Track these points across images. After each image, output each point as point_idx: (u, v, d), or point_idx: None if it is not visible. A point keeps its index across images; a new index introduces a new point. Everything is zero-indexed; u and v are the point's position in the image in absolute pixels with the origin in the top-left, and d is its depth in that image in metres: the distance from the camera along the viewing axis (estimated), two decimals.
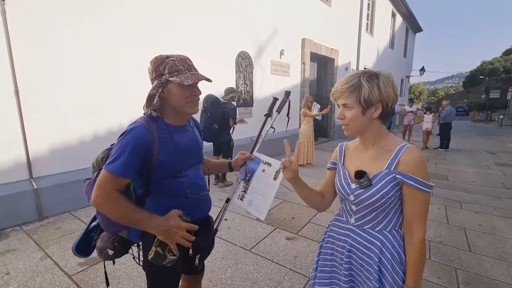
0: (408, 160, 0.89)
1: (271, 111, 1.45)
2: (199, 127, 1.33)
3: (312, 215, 3.37)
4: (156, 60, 1.05)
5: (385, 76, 0.92)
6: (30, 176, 3.11)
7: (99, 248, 1.19)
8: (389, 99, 0.91)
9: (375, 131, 0.96)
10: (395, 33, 15.55)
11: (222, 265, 2.34)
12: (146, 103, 1.06)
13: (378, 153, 0.96)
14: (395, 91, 0.92)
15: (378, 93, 0.89)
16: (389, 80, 0.91)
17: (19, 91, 2.94)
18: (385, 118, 0.96)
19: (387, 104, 0.91)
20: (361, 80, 0.90)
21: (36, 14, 3.00)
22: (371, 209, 0.95)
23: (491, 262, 2.43)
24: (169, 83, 1.03)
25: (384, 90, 0.89)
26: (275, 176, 1.29)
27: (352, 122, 0.95)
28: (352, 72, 0.97)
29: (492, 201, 3.97)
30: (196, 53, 4.71)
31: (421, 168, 0.88)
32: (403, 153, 0.91)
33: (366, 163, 0.98)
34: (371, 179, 0.93)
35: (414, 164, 0.88)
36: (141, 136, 1.00)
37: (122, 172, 0.97)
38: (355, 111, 0.93)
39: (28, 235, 2.82)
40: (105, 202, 0.98)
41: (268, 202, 1.27)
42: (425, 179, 0.87)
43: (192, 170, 1.16)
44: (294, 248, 2.62)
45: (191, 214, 1.13)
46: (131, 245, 1.26)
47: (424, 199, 0.89)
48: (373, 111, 0.92)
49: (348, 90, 0.92)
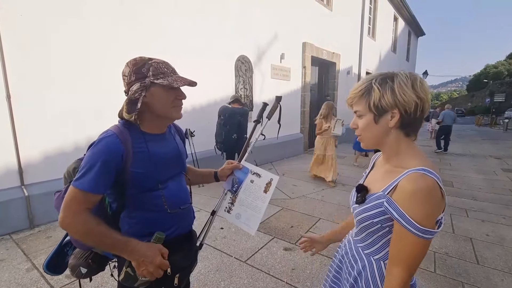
0: (403, 188, 0.72)
1: (261, 117, 1.36)
2: (182, 134, 1.24)
3: (311, 224, 3.25)
4: (136, 62, 0.95)
5: (404, 76, 0.77)
6: (21, 183, 3.04)
7: (70, 266, 1.10)
8: (408, 103, 0.74)
9: (393, 144, 0.81)
10: (397, 37, 15.45)
11: (215, 278, 2.23)
12: (128, 108, 0.95)
13: (389, 171, 0.82)
14: (420, 94, 0.75)
15: (391, 96, 0.75)
16: (408, 81, 0.76)
17: (11, 96, 2.88)
18: (409, 128, 0.79)
19: (407, 110, 0.75)
20: (372, 84, 0.79)
21: (29, 18, 2.95)
22: (362, 227, 0.86)
23: (501, 276, 2.29)
24: (153, 86, 0.94)
25: (400, 93, 0.75)
26: (265, 189, 1.19)
27: (364, 132, 0.83)
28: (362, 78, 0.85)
29: (500, 209, 3.82)
30: (195, 58, 4.66)
31: (415, 204, 0.69)
32: (404, 178, 0.74)
33: (375, 179, 0.88)
34: (367, 197, 0.83)
35: (407, 196, 0.71)
36: (113, 146, 0.90)
37: (92, 188, 0.87)
38: (367, 118, 0.81)
39: (17, 245, 2.73)
40: (74, 224, 0.88)
41: (258, 216, 1.18)
42: (417, 219, 0.69)
43: (172, 181, 1.06)
44: (292, 260, 2.50)
45: (171, 230, 1.03)
46: (108, 261, 1.16)
47: (412, 241, 0.71)
48: (389, 118, 0.77)
49: (359, 94, 0.81)
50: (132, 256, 0.90)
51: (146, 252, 0.89)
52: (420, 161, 0.76)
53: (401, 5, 14.04)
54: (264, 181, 1.19)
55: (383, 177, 0.84)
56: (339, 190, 4.59)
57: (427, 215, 0.70)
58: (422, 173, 0.71)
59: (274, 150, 6.49)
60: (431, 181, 0.70)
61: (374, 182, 0.87)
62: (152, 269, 0.89)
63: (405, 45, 17.51)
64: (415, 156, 0.79)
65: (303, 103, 7.86)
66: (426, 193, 0.69)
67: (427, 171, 0.71)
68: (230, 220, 1.24)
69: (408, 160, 0.78)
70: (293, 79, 7.34)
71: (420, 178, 0.71)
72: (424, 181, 0.70)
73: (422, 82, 0.77)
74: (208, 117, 5.05)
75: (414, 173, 0.72)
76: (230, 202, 1.24)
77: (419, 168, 0.72)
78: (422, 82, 0.76)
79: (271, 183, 1.18)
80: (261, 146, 5.57)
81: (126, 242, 0.89)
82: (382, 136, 0.81)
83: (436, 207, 0.71)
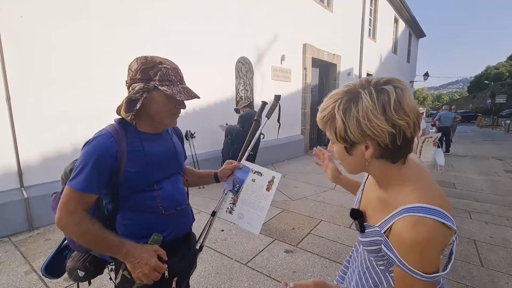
0: (400, 236, 0.60)
1: (260, 116, 1.34)
2: (181, 135, 1.22)
3: (313, 226, 3.22)
4: (146, 61, 0.92)
5: (368, 99, 0.58)
6: (20, 185, 3.02)
7: (68, 269, 1.08)
8: (380, 136, 0.58)
9: (379, 173, 0.68)
10: (398, 39, 15.46)
11: (215, 281, 2.20)
12: (126, 107, 0.93)
13: (382, 200, 0.70)
14: (396, 121, 0.57)
15: (357, 129, 0.59)
16: (376, 106, 0.57)
17: (10, 98, 2.87)
18: (394, 156, 0.63)
19: (379, 143, 0.60)
20: (335, 112, 0.62)
21: (29, 20, 2.95)
22: (368, 250, 0.76)
23: (506, 279, 2.25)
24: (156, 90, 0.92)
25: (367, 125, 0.58)
26: (267, 187, 1.17)
27: (341, 160, 0.71)
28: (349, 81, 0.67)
29: (503, 211, 3.78)
30: (195, 59, 4.65)
31: (417, 256, 0.59)
32: (400, 221, 0.61)
33: (371, 204, 0.76)
34: (366, 226, 0.73)
35: (406, 247, 0.59)
36: (105, 145, 0.89)
37: (85, 188, 0.87)
38: (339, 147, 0.68)
39: (16, 247, 2.71)
40: (69, 224, 0.88)
41: (261, 215, 1.16)
42: (421, 269, 0.58)
43: (168, 182, 1.04)
44: (293, 262, 2.47)
45: (168, 231, 1.01)
46: (106, 265, 1.14)
47: (414, 284, 0.60)
48: (364, 149, 0.63)
49: (322, 121, 0.67)
50: (127, 258, 0.88)
51: (142, 254, 0.88)
52: (416, 194, 0.62)
53: (401, 7, 14.05)
54: (266, 179, 1.18)
55: (377, 206, 0.72)
56: (340, 191, 4.56)
57: (431, 262, 0.59)
58: (420, 216, 0.58)
59: (274, 152, 6.47)
60: (432, 225, 0.57)
61: (371, 206, 0.76)
62: (148, 271, 0.87)
63: (405, 47, 17.51)
64: (410, 187, 0.64)
65: (304, 104, 7.85)
66: (426, 242, 0.57)
67: (426, 211, 0.58)
68: (233, 221, 1.21)
69: (401, 193, 0.64)
70: (293, 80, 7.33)
71: (419, 224, 0.58)
72: (423, 228, 0.57)
73: (400, 100, 0.57)
74: (208, 118, 5.04)
75: (411, 217, 0.59)
76: (231, 203, 1.22)
77: (416, 208, 0.59)
78: (399, 100, 0.57)
79: (274, 181, 1.17)
80: (262, 147, 5.55)
81: (121, 244, 0.88)
82: (362, 165, 0.67)
83: (439, 249, 0.60)
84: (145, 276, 0.88)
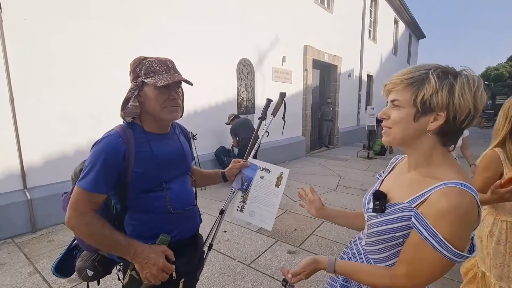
0: (436, 203, 0.63)
1: (265, 114, 1.35)
2: (188, 135, 1.23)
3: (315, 227, 3.22)
4: (134, 61, 0.97)
5: (471, 77, 0.65)
6: (24, 186, 3.03)
7: (77, 268, 1.09)
8: (462, 109, 0.63)
9: (425, 150, 0.70)
10: (398, 40, 15.48)
11: (219, 282, 2.20)
12: (121, 107, 0.97)
13: (415, 180, 0.72)
14: (477, 104, 0.64)
15: (447, 96, 0.63)
16: (473, 85, 0.64)
17: (14, 99, 2.88)
18: (448, 138, 0.68)
19: (456, 116, 0.64)
20: (429, 74, 0.65)
21: (33, 22, 2.97)
22: (378, 239, 0.76)
23: None
24: (145, 85, 0.93)
25: (459, 94, 0.63)
26: (276, 183, 1.19)
27: (395, 125, 0.71)
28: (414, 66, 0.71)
29: None
30: (196, 60, 4.67)
31: (449, 224, 0.61)
32: (438, 191, 0.64)
33: (397, 187, 0.77)
34: (387, 206, 0.74)
35: (440, 213, 0.61)
36: (114, 145, 0.90)
37: (94, 188, 0.88)
38: (405, 112, 0.68)
39: (19, 248, 2.72)
40: (78, 224, 0.89)
41: (272, 211, 1.17)
42: (451, 241, 0.60)
43: (176, 182, 1.04)
44: (296, 263, 2.47)
45: (175, 232, 1.01)
46: (114, 265, 1.15)
47: (439, 262, 0.62)
48: (432, 120, 0.66)
49: (406, 82, 0.68)
50: (135, 259, 0.88)
51: (149, 254, 0.88)
52: (457, 173, 0.66)
53: (401, 8, 14.09)
54: (274, 175, 1.19)
55: (409, 185, 0.73)
56: (342, 193, 4.56)
57: (461, 236, 0.62)
58: (460, 188, 0.62)
59: (276, 153, 6.48)
60: (470, 199, 0.61)
61: (396, 189, 0.77)
62: (156, 271, 0.88)
63: (406, 48, 17.53)
64: (451, 167, 0.68)
65: (305, 105, 7.86)
66: (463, 212, 0.60)
67: (466, 187, 0.62)
68: (245, 219, 1.23)
69: (443, 171, 0.68)
70: (294, 81, 7.35)
71: (458, 194, 0.61)
72: (462, 198, 0.61)
73: (483, 91, 0.66)
74: (210, 120, 5.06)
75: (451, 188, 0.62)
76: (241, 201, 1.23)
77: (457, 182, 0.63)
78: (483, 91, 0.66)
79: (282, 176, 1.18)
80: (263, 148, 5.56)
81: (129, 244, 0.89)
82: (415, 136, 0.70)
83: (473, 227, 0.64)
84: (153, 277, 0.88)
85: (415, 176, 0.73)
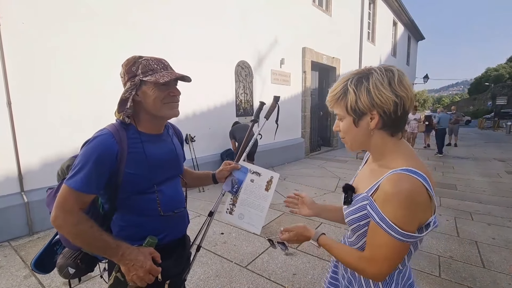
0: (384, 189, 0.69)
1: (258, 117, 1.34)
2: (181, 137, 1.22)
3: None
4: (128, 61, 0.95)
5: (379, 74, 0.71)
6: (21, 189, 3.03)
7: (58, 265, 1.06)
8: (386, 104, 0.70)
9: (378, 145, 0.78)
10: (397, 42, 15.52)
11: (215, 284, 2.19)
12: (118, 108, 0.95)
13: (374, 171, 0.80)
14: (399, 92, 0.69)
15: (367, 98, 0.71)
16: (384, 79, 0.70)
17: (11, 102, 2.89)
18: (393, 128, 0.75)
19: (385, 111, 0.71)
20: (347, 85, 0.74)
21: (30, 26, 2.99)
22: (351, 230, 0.83)
23: (508, 281, 2.22)
24: (144, 84, 0.92)
25: (376, 93, 0.70)
26: (266, 187, 1.18)
27: (346, 135, 0.80)
28: (340, 77, 0.79)
29: (506, 212, 3.75)
30: (195, 63, 4.68)
31: (396, 207, 0.66)
32: (386, 178, 0.70)
33: (363, 179, 0.84)
34: (354, 197, 0.81)
35: (387, 198, 0.67)
36: (107, 145, 0.88)
37: (84, 188, 0.85)
38: (347, 121, 0.78)
39: (16, 251, 2.71)
40: (65, 224, 0.86)
41: (261, 215, 1.17)
42: (398, 223, 0.66)
43: (168, 184, 1.03)
44: (293, 265, 2.45)
45: (164, 234, 1.00)
46: (97, 262, 1.13)
47: (387, 241, 0.68)
48: (369, 120, 0.74)
49: (335, 98, 0.78)
50: (122, 260, 0.87)
51: (137, 256, 0.87)
52: (405, 160, 0.72)
53: (400, 10, 14.13)
54: (264, 179, 1.18)
55: (368, 176, 0.81)
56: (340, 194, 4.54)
57: (409, 219, 0.66)
58: (405, 173, 0.68)
59: (275, 155, 6.47)
60: (415, 182, 0.66)
61: (361, 181, 0.84)
62: (142, 274, 0.86)
63: (405, 49, 17.57)
64: (401, 155, 0.75)
65: (304, 107, 7.86)
66: (408, 195, 0.65)
67: (411, 172, 0.68)
68: (233, 222, 1.22)
69: (394, 160, 0.74)
70: (293, 84, 7.36)
71: (403, 179, 0.67)
72: (406, 182, 0.66)
73: (401, 78, 0.71)
74: (208, 122, 5.06)
75: (397, 174, 0.68)
76: (231, 204, 1.23)
77: (403, 169, 0.69)
78: (401, 78, 0.71)
79: (272, 181, 1.18)
80: (262, 150, 5.55)
81: (117, 246, 0.87)
82: (365, 138, 0.77)
83: (420, 209, 0.67)
84: (139, 279, 0.86)
85: (373, 167, 0.81)
